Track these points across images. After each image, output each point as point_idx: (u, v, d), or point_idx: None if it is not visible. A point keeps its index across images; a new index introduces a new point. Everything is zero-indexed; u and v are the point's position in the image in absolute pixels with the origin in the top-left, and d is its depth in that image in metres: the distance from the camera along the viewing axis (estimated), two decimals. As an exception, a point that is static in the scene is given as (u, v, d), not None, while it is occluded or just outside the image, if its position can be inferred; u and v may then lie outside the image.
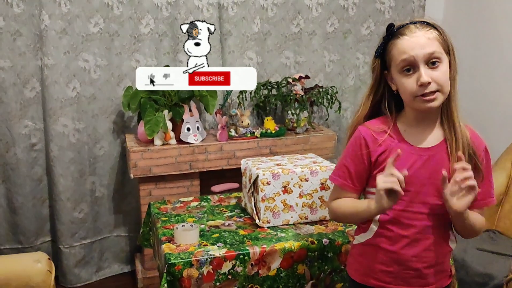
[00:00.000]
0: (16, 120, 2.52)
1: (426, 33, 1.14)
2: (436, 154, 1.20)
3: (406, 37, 1.15)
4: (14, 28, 2.43)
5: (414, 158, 1.20)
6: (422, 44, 1.13)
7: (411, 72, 1.14)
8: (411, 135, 1.22)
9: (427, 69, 1.13)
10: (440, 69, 1.13)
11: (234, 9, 2.74)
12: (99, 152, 2.69)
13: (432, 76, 1.12)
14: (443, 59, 1.14)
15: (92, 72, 2.57)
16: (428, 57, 1.13)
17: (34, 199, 2.64)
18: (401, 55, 1.14)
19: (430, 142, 1.22)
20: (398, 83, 1.18)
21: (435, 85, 1.12)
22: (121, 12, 2.56)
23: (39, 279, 1.83)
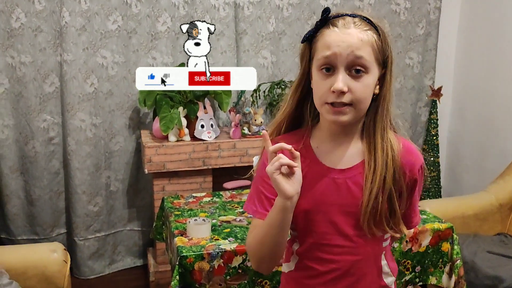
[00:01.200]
0: (35, 114, 2.58)
1: (361, 33, 0.92)
2: (353, 177, 0.98)
3: (336, 29, 0.92)
4: (36, 24, 2.49)
5: (327, 183, 0.98)
6: (351, 44, 0.90)
7: (330, 73, 0.92)
8: (325, 153, 1.00)
9: (347, 75, 0.91)
10: (363, 81, 0.92)
11: (250, 9, 2.77)
12: (115, 147, 2.74)
13: (350, 86, 0.91)
14: (371, 70, 0.92)
15: (110, 68, 2.63)
16: (352, 61, 0.91)
17: (51, 191, 2.70)
18: (323, 50, 0.92)
19: (347, 162, 0.99)
20: (314, 82, 0.96)
21: (349, 97, 0.91)
22: (139, 10, 2.61)
23: (54, 268, 1.88)
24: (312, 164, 0.99)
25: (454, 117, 3.33)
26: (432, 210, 2.17)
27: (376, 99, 0.97)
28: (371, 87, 0.94)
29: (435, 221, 1.91)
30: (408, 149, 1.00)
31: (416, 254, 1.84)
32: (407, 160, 0.99)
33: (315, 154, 1.00)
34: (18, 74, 2.52)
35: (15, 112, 2.57)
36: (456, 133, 3.31)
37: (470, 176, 3.19)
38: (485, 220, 2.48)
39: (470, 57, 3.14)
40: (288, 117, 1.03)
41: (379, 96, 0.97)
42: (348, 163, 0.99)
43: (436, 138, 3.21)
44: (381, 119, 0.97)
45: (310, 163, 0.99)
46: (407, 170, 0.99)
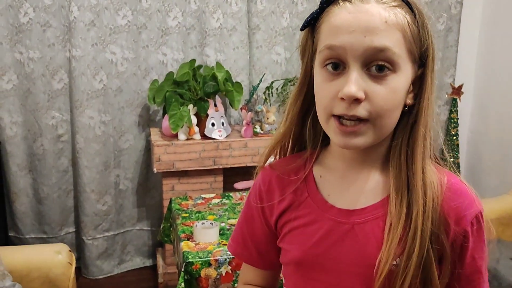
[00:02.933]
0: (43, 111, 2.54)
1: (387, 11, 0.62)
2: (367, 223, 0.68)
3: (348, 5, 0.63)
4: (44, 20, 2.44)
5: (328, 227, 0.70)
6: (371, 27, 0.61)
7: (338, 72, 0.63)
8: (330, 186, 0.72)
9: (364, 75, 0.62)
10: (389, 84, 0.62)
11: (263, 3, 2.68)
12: (124, 145, 2.68)
13: (368, 91, 0.62)
14: (400, 67, 0.63)
15: (119, 64, 2.57)
16: (371, 55, 0.61)
17: (60, 190, 2.66)
18: (328, 37, 0.64)
19: (361, 200, 0.69)
20: (315, 84, 0.68)
21: (367, 108, 0.62)
22: (149, 4, 2.54)
23: (59, 270, 1.83)
24: (310, 199, 0.72)
25: (475, 117, 3.20)
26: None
27: (410, 113, 0.67)
28: (401, 94, 0.64)
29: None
30: (456, 190, 0.67)
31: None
32: (453, 205, 0.66)
33: (317, 185, 0.73)
34: (26, 70, 2.47)
35: (24, 108, 2.53)
36: (477, 133, 3.18)
37: (491, 178, 3.06)
38: (508, 225, 2.37)
39: (493, 53, 3.02)
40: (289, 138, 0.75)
41: (415, 109, 0.66)
42: (362, 201, 0.69)
43: (456, 138, 3.09)
44: (419, 142, 0.66)
45: (308, 197, 0.72)
46: (451, 220, 0.66)
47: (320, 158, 0.75)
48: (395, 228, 0.64)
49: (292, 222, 0.73)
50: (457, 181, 0.69)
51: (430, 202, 0.65)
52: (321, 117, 0.67)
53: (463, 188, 0.69)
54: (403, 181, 0.66)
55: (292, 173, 0.75)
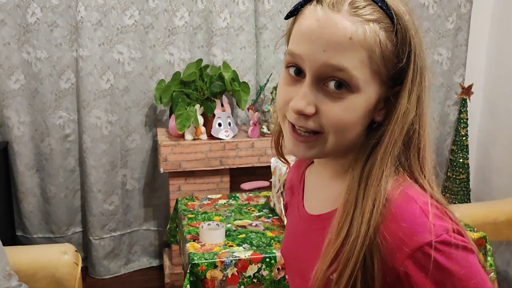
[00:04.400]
0: (51, 111, 2.54)
1: (357, 25, 0.55)
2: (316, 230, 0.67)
3: (318, 10, 0.57)
4: (52, 19, 2.44)
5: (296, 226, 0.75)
6: (333, 42, 0.56)
7: (300, 77, 0.60)
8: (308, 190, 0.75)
9: (320, 89, 0.58)
10: (345, 103, 0.57)
11: (270, 3, 2.66)
12: (131, 145, 2.68)
13: (320, 107, 0.58)
14: (360, 88, 0.57)
15: (126, 64, 2.56)
16: (328, 72, 0.57)
17: (67, 189, 2.66)
18: (292, 41, 0.61)
19: (318, 207, 0.70)
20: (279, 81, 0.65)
21: (317, 122, 0.59)
22: (156, 4, 2.54)
23: (65, 270, 1.83)
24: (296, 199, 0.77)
25: (485, 117, 3.16)
26: (460, 216, 2.03)
27: (377, 131, 0.61)
28: (360, 113, 0.59)
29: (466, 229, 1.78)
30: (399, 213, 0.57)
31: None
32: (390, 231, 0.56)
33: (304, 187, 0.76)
34: (34, 70, 2.48)
35: (31, 108, 2.53)
36: (487, 133, 3.14)
37: (501, 179, 3.02)
38: (519, 227, 2.33)
39: (503, 53, 2.97)
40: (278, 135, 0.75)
41: (382, 129, 0.61)
42: (318, 208, 0.69)
43: (466, 138, 3.05)
44: (377, 165, 0.59)
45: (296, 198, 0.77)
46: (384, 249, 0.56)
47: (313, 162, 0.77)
48: (332, 244, 0.59)
49: (287, 217, 0.82)
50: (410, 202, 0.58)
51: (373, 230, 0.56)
52: (279, 116, 0.65)
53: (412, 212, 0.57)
54: (353, 196, 0.60)
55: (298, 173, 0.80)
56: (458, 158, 3.05)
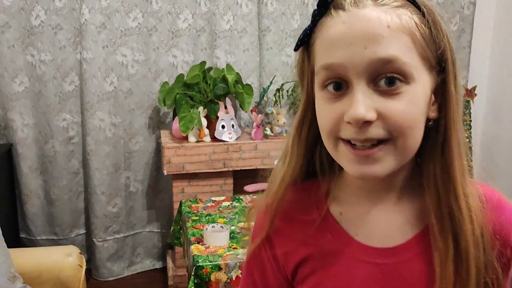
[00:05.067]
0: (55, 113, 2.55)
1: (388, 13, 0.52)
2: (411, 260, 0.59)
3: (342, 14, 0.53)
4: (55, 22, 2.45)
5: (367, 271, 0.60)
6: (371, 36, 0.52)
7: (341, 92, 0.54)
8: (355, 223, 0.62)
9: (373, 92, 0.53)
10: (404, 97, 0.53)
11: (274, 5, 2.67)
12: (135, 147, 2.69)
13: (380, 109, 0.52)
14: (414, 77, 0.53)
15: (130, 67, 2.57)
16: (378, 68, 0.52)
17: (70, 191, 2.66)
18: (322, 56, 0.55)
19: (397, 236, 0.60)
20: (317, 108, 0.58)
21: (383, 127, 0.53)
22: (160, 6, 2.54)
23: (69, 273, 1.83)
24: (337, 243, 0.61)
25: (489, 119, 3.16)
26: (465, 219, 2.03)
27: (437, 129, 0.57)
28: (421, 107, 0.54)
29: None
30: (496, 202, 0.60)
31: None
32: (495, 219, 0.58)
33: (340, 225, 0.62)
34: (38, 72, 2.49)
35: (35, 111, 2.54)
36: (491, 136, 3.14)
37: (505, 181, 3.01)
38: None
39: (506, 55, 2.97)
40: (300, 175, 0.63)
41: (442, 123, 0.57)
42: (398, 237, 0.60)
43: (469, 141, 3.05)
44: (456, 163, 0.56)
45: (333, 240, 0.61)
46: (497, 234, 0.58)
47: (332, 192, 0.63)
48: (445, 263, 0.55)
49: (319, 271, 0.61)
50: (492, 191, 0.60)
51: (479, 228, 0.56)
52: (328, 144, 0.57)
53: (502, 199, 0.61)
54: (444, 209, 0.56)
55: (303, 212, 0.63)
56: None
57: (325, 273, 0.60)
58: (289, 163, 0.63)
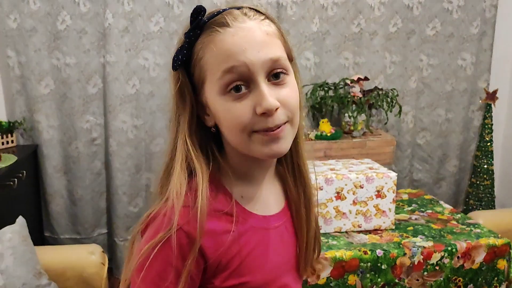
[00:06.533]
0: (78, 115, 2.61)
1: (262, 24, 0.67)
2: (287, 221, 0.80)
3: (229, 29, 0.65)
4: (80, 26, 2.51)
5: (271, 237, 0.75)
6: (260, 42, 0.65)
7: (244, 92, 0.65)
8: (252, 201, 0.75)
9: (270, 85, 0.66)
10: (289, 84, 0.68)
11: (293, 8, 2.69)
12: (155, 148, 2.73)
13: (279, 97, 0.66)
14: (289, 68, 0.69)
15: (151, 70, 2.62)
16: (270, 65, 0.66)
17: (93, 192, 2.73)
18: (222, 63, 0.65)
19: (275, 203, 0.79)
20: (219, 112, 0.68)
21: (284, 112, 0.66)
22: (181, 11, 2.59)
23: (92, 270, 1.88)
24: (247, 221, 0.72)
25: (510, 122, 3.12)
26: (485, 223, 2.02)
27: None
28: (297, 90, 0.70)
29: (490, 236, 1.77)
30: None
31: (469, 271, 1.70)
32: None
33: (244, 206, 0.73)
34: (63, 75, 2.56)
35: (60, 113, 2.61)
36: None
37: (527, 185, 2.97)
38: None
39: (529, 58, 2.93)
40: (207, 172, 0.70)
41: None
42: (276, 206, 0.78)
43: (491, 144, 3.02)
44: (301, 134, 0.75)
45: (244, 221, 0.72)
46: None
47: (226, 182, 0.73)
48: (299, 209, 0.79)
49: (240, 253, 0.70)
50: None
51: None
52: (240, 137, 0.67)
53: None
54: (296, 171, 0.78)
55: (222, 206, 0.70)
56: (482, 164, 3.01)
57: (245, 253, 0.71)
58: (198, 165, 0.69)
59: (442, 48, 2.92)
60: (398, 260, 1.61)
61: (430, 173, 3.10)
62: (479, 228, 1.85)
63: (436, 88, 2.97)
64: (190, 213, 0.66)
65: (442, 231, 1.82)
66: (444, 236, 1.77)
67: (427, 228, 1.85)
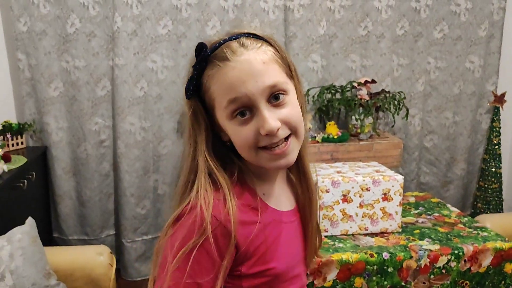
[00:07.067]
0: (87, 117, 2.64)
1: (258, 53, 0.75)
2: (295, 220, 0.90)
3: (229, 63, 0.74)
4: (90, 30, 2.54)
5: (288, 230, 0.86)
6: (257, 72, 0.73)
7: (248, 116, 0.75)
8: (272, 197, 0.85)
9: (270, 107, 0.75)
10: (289, 103, 0.76)
11: (300, 11, 2.70)
12: (163, 150, 2.75)
13: (280, 117, 0.75)
14: (288, 88, 0.77)
15: (159, 72, 2.64)
16: (269, 91, 0.74)
17: (101, 193, 2.75)
18: (226, 95, 0.74)
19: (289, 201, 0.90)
20: (230, 133, 0.78)
21: (285, 129, 0.76)
22: (189, 14, 2.61)
23: (100, 271, 1.90)
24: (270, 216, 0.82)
25: (519, 125, 3.10)
26: (493, 226, 2.01)
27: None
28: (298, 105, 0.79)
29: (497, 239, 1.76)
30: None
31: (476, 274, 1.70)
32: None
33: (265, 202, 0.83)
34: (72, 78, 2.58)
35: (69, 115, 2.63)
36: (521, 142, 3.08)
37: (536, 189, 2.95)
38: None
39: (538, 60, 2.92)
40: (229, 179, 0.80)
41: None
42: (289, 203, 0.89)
43: (498, 147, 3.00)
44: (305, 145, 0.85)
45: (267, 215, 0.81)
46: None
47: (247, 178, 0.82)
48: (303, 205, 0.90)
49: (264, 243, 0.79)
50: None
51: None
52: (249, 154, 0.77)
53: None
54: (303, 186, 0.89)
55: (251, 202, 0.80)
56: (490, 167, 3.00)
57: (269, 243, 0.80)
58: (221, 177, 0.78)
59: (450, 51, 2.91)
60: (405, 263, 1.61)
61: (438, 176, 3.09)
62: (486, 232, 1.84)
63: (444, 91, 2.97)
64: (223, 208, 0.74)
65: (449, 234, 1.82)
66: (451, 239, 1.77)
67: (434, 231, 1.84)
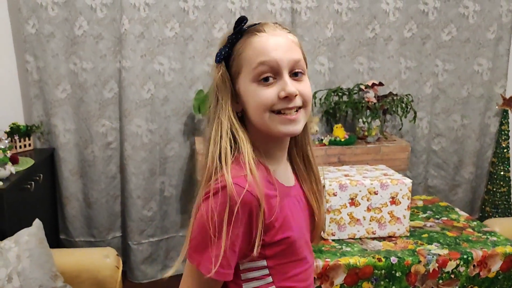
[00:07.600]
0: (94, 119, 2.64)
1: (288, 35, 0.89)
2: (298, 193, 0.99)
3: (265, 34, 0.86)
4: (97, 32, 2.55)
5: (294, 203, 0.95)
6: (287, 47, 0.86)
7: (270, 82, 0.85)
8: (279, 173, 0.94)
9: (291, 80, 0.86)
10: (305, 81, 0.88)
11: (307, 14, 2.70)
12: (170, 152, 2.75)
13: (298, 89, 0.86)
14: (305, 71, 0.90)
15: (166, 75, 2.65)
16: (293, 65, 0.86)
17: (108, 195, 2.75)
18: (259, 57, 0.85)
19: (291, 180, 0.98)
20: (249, 96, 0.87)
21: (300, 100, 0.87)
22: (196, 16, 2.61)
23: (107, 273, 1.90)
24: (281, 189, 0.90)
25: (528, 128, 3.07)
26: (502, 230, 1.99)
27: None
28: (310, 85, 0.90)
29: (507, 244, 1.74)
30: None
31: (485, 280, 1.68)
32: None
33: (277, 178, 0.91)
34: (79, 80, 2.59)
35: (76, 117, 2.64)
36: (530, 146, 3.05)
37: (545, 193, 2.92)
38: None
39: (547, 63, 2.89)
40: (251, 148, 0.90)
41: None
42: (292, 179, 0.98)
43: (507, 150, 2.98)
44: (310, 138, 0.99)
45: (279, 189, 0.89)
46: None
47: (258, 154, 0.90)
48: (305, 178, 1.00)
49: (281, 213, 0.88)
50: None
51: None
52: (262, 115, 0.86)
53: None
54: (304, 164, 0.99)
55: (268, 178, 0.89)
56: (499, 171, 2.97)
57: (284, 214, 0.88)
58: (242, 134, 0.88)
59: (458, 53, 2.90)
60: (413, 268, 1.59)
61: (446, 179, 3.06)
62: (495, 236, 1.82)
63: (452, 93, 2.95)
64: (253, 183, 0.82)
65: (457, 238, 1.80)
66: (459, 244, 1.75)
67: (442, 235, 1.83)
